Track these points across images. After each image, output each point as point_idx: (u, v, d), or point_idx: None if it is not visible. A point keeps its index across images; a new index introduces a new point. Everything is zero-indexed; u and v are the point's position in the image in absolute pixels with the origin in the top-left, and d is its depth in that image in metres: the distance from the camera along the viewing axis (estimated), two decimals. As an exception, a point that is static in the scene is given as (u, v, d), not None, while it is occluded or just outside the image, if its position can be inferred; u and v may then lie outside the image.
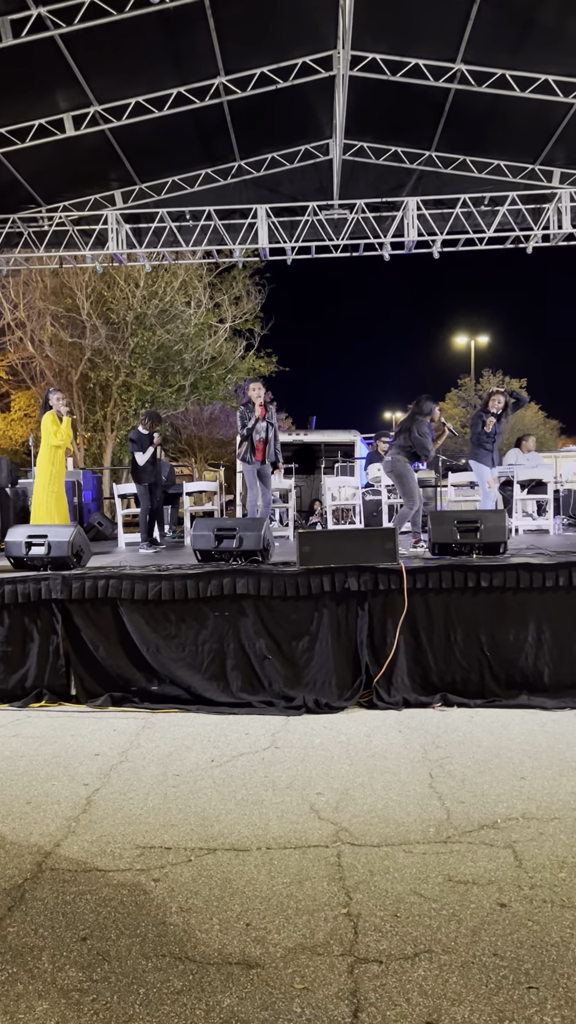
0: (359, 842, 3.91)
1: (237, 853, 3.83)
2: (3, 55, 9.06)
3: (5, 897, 3.46)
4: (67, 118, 10.82)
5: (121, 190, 12.99)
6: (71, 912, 3.32)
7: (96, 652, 6.78)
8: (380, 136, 12.13)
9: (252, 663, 6.66)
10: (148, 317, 21.83)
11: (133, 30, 9.12)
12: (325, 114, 11.73)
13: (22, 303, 21.70)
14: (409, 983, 2.78)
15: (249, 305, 24.74)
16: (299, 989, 2.76)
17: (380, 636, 6.57)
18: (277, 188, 13.12)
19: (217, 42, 9.78)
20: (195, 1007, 2.68)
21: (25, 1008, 2.70)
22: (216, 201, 13.11)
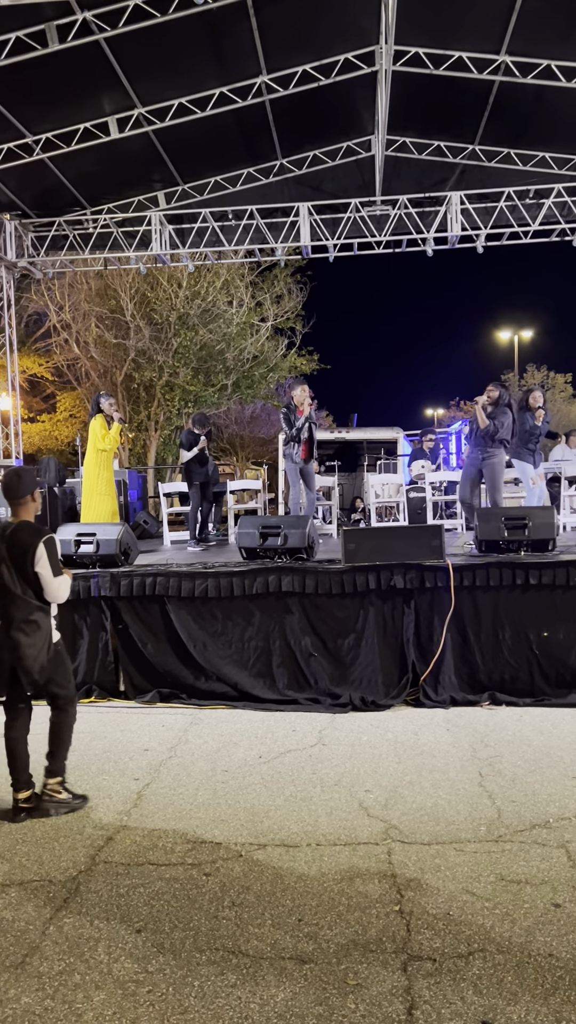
0: (409, 840, 3.89)
1: (287, 849, 3.84)
2: (50, 60, 9.19)
3: (61, 889, 3.52)
4: (111, 121, 10.93)
5: (164, 191, 13.08)
6: (125, 905, 3.37)
7: (144, 649, 6.85)
8: (423, 131, 12.03)
9: (298, 660, 6.68)
10: (191, 317, 21.96)
11: (176, 32, 9.18)
12: (367, 110, 11.68)
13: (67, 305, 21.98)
14: (463, 982, 2.77)
15: (291, 303, 24.73)
16: (353, 985, 2.76)
17: (427, 634, 6.53)
18: (319, 186, 13.10)
19: (259, 41, 9.80)
20: (250, 1001, 2.70)
21: (83, 998, 2.75)
22: (258, 200, 13.14)
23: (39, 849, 3.93)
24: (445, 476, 11.33)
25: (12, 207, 12.84)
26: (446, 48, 10.02)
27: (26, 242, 13.47)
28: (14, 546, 4.28)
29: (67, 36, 8.95)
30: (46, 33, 8.94)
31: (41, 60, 9.18)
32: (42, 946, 3.08)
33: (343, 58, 10.39)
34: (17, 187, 12.25)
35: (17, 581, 4.27)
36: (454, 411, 44.14)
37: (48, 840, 4.03)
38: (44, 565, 4.28)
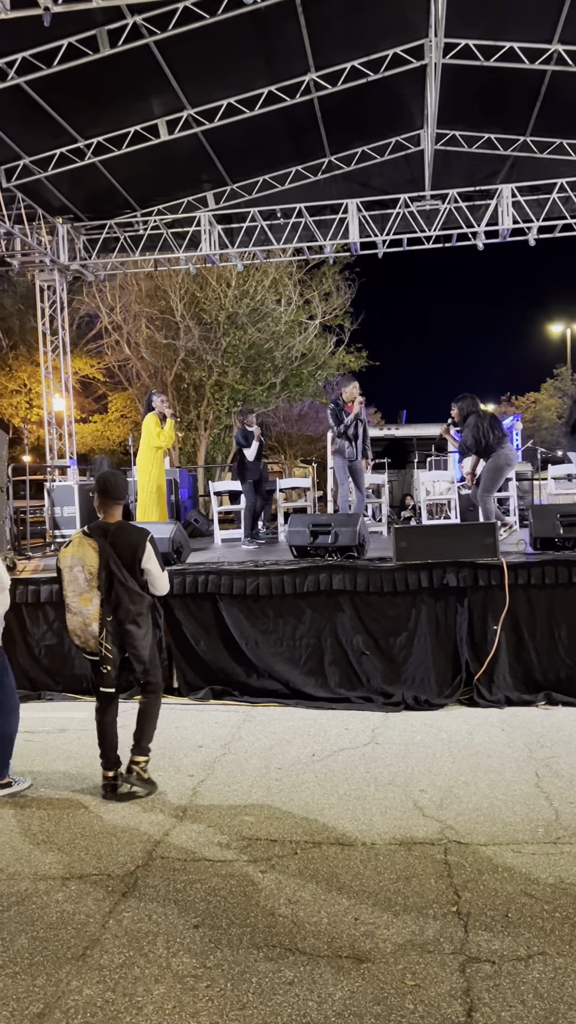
0: (465, 840, 3.86)
1: (342, 848, 3.84)
2: (101, 65, 9.32)
3: (119, 883, 3.57)
4: (161, 123, 11.04)
5: (213, 191, 13.16)
6: (182, 900, 3.40)
7: (197, 646, 6.91)
8: (473, 124, 11.90)
9: (349, 659, 6.66)
10: (239, 316, 22.04)
11: (225, 32, 9.23)
12: (416, 104, 11.60)
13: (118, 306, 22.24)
14: (523, 985, 2.73)
15: (339, 301, 24.65)
16: (411, 985, 2.75)
17: (480, 633, 6.46)
18: (367, 182, 13.04)
19: (308, 39, 9.80)
20: (307, 999, 2.70)
21: (143, 991, 2.78)
22: (306, 198, 13.13)
23: (97, 843, 4.00)
24: (497, 473, 11.17)
25: (65, 211, 13.05)
26: (497, 39, 9.90)
27: (78, 245, 13.68)
28: (121, 545, 4.55)
29: (118, 40, 9.06)
30: (97, 38, 9.06)
31: (92, 65, 9.32)
32: (102, 939, 3.12)
33: (392, 53, 10.32)
34: (69, 191, 12.44)
35: (128, 577, 4.53)
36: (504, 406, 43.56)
37: (106, 835, 4.09)
38: (152, 561, 4.61)
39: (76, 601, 4.49)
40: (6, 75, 9.33)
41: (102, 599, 4.47)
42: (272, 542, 10.74)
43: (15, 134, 10.76)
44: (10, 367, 24.44)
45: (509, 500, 10.91)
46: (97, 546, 4.48)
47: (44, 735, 5.92)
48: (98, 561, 4.46)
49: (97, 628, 4.48)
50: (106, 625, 4.49)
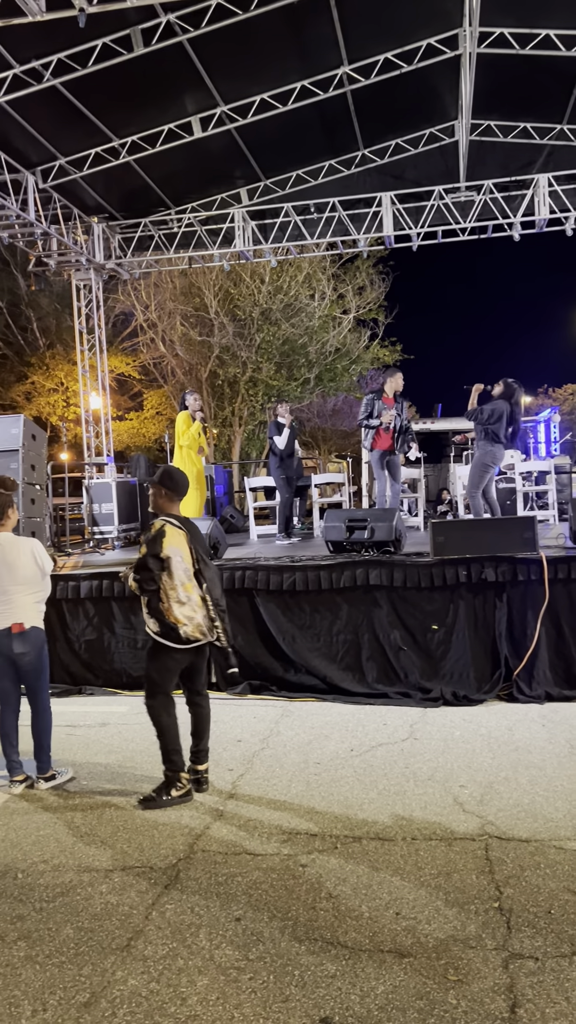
0: (507, 836, 3.84)
1: (382, 842, 3.84)
2: (135, 64, 9.37)
3: (162, 875, 3.61)
4: (195, 120, 11.07)
5: (246, 187, 13.17)
6: (224, 893, 3.43)
7: (234, 641, 6.92)
8: (508, 113, 11.76)
9: (387, 654, 6.65)
10: (273, 312, 22.07)
11: (257, 28, 9.21)
12: (450, 95, 11.48)
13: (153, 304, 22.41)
14: (568, 982, 2.71)
15: (373, 294, 24.58)
16: (454, 980, 2.74)
17: (520, 628, 6.41)
18: (401, 174, 12.94)
19: (340, 31, 9.75)
20: (350, 992, 2.71)
21: (187, 982, 2.82)
22: (340, 192, 13.08)
23: (139, 836, 4.05)
24: (535, 466, 11.07)
25: (100, 210, 13.15)
26: (532, 27, 9.75)
27: (113, 244, 13.78)
28: (196, 535, 4.65)
29: (151, 39, 9.09)
30: (131, 37, 9.11)
31: (126, 64, 9.36)
32: (146, 930, 3.16)
33: (425, 43, 10.23)
34: (104, 190, 12.53)
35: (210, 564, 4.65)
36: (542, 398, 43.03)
37: (148, 828, 4.14)
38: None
39: (183, 591, 4.46)
40: (42, 77, 9.41)
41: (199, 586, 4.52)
42: (307, 537, 10.75)
43: (51, 135, 10.87)
44: (47, 366, 24.72)
45: (548, 493, 10.79)
46: (187, 536, 4.53)
47: (85, 729, 6.00)
48: (190, 550, 4.52)
49: (204, 613, 4.50)
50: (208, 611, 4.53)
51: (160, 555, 4.42)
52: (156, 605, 4.46)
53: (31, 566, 4.85)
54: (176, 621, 4.44)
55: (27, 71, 9.32)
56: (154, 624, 4.48)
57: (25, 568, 4.82)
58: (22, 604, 4.75)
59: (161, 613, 4.45)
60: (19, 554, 4.83)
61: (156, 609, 4.47)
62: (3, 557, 4.78)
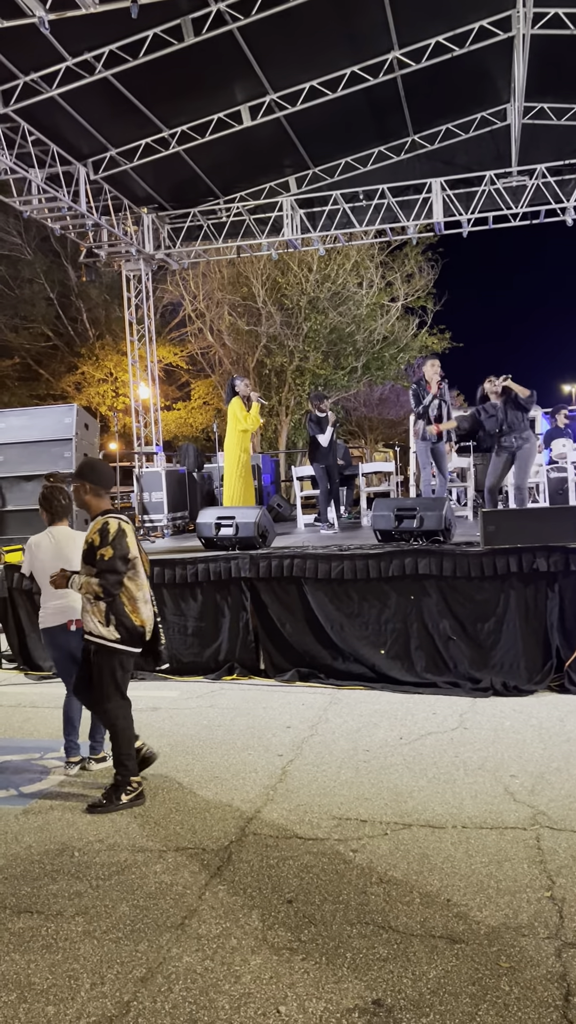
0: (559, 827, 3.81)
1: (433, 830, 3.85)
2: (185, 54, 9.41)
3: (214, 857, 3.67)
4: (244, 109, 11.08)
5: (295, 176, 13.15)
6: (275, 875, 3.47)
7: (283, 628, 6.99)
8: (562, 95, 11.53)
9: (436, 643, 6.63)
10: (321, 301, 22.03)
11: (307, 14, 9.18)
12: (503, 78, 11.30)
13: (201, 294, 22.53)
14: (622, 973, 2.69)
15: (421, 282, 24.36)
16: (506, 967, 2.74)
17: (572, 618, 6.33)
18: (452, 160, 12.80)
19: (391, 15, 9.65)
20: (402, 975, 2.73)
21: (240, 961, 2.86)
22: (389, 179, 12.98)
23: (191, 818, 4.11)
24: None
25: (149, 201, 13.26)
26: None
27: (162, 234, 13.89)
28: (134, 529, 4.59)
29: (202, 29, 9.12)
30: (181, 28, 9.14)
31: (176, 54, 9.41)
32: (199, 910, 3.22)
33: (478, 26, 10.08)
34: (154, 181, 12.63)
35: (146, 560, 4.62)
36: (593, 387, 42.16)
37: (199, 811, 4.21)
38: None
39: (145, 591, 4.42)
40: (94, 69, 9.51)
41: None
42: (355, 527, 10.75)
43: (102, 126, 10.98)
44: (97, 356, 25.04)
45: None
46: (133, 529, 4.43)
47: (137, 713, 6.02)
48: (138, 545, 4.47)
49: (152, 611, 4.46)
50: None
51: (129, 556, 4.28)
52: (120, 608, 4.30)
53: None
54: (142, 623, 4.36)
55: (79, 63, 9.43)
56: (114, 631, 4.29)
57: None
58: (78, 599, 4.72)
59: (126, 616, 4.30)
60: (75, 548, 4.81)
61: (120, 612, 4.30)
62: (59, 551, 4.84)
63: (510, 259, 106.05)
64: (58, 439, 8.43)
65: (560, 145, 12.29)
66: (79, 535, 4.97)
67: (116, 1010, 2.63)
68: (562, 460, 10.85)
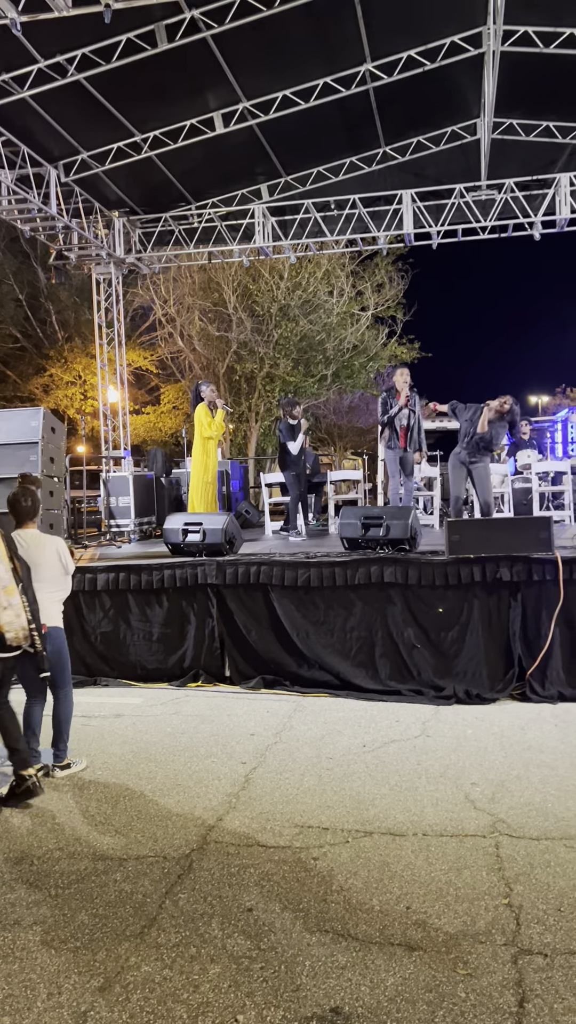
0: (517, 834, 3.86)
1: (393, 837, 3.87)
2: (158, 60, 9.40)
3: (175, 865, 3.66)
4: (216, 116, 11.08)
5: (267, 183, 13.17)
6: (236, 883, 3.47)
7: (248, 635, 6.99)
8: (530, 112, 11.68)
9: (400, 651, 6.67)
10: (291, 308, 22.07)
11: (281, 24, 9.20)
12: (473, 93, 11.44)
13: (172, 299, 22.46)
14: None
15: (392, 292, 24.51)
16: (463, 974, 2.77)
17: (534, 628, 6.42)
18: (422, 172, 12.91)
19: (364, 28, 9.73)
20: (360, 983, 2.75)
21: (199, 970, 2.86)
22: (360, 189, 13.05)
23: (153, 826, 4.10)
24: (552, 466, 11.05)
25: (121, 204, 13.20)
26: (557, 25, 9.69)
27: (133, 238, 13.83)
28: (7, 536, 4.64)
29: (175, 35, 9.11)
30: (155, 33, 9.14)
31: (150, 60, 9.38)
32: (159, 918, 3.21)
33: (449, 41, 10.18)
34: (126, 185, 12.58)
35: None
36: (560, 398, 42.81)
37: (161, 818, 4.19)
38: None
39: (4, 594, 4.33)
40: (66, 71, 9.46)
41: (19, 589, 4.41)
42: (323, 534, 10.78)
43: (74, 129, 10.91)
44: (65, 359, 24.85)
45: (564, 494, 10.76)
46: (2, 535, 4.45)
47: (100, 720, 6.06)
48: (6, 551, 4.42)
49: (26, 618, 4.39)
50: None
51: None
52: None
53: (55, 565, 4.89)
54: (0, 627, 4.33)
55: (51, 66, 9.37)
56: None
57: (49, 567, 4.86)
58: (43, 604, 4.70)
59: None
60: (43, 552, 4.83)
61: None
62: (27, 554, 4.81)
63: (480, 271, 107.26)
64: (24, 442, 8.33)
65: (528, 160, 12.46)
66: (49, 540, 4.96)
67: (73, 1020, 2.61)
68: (527, 471, 11.00)
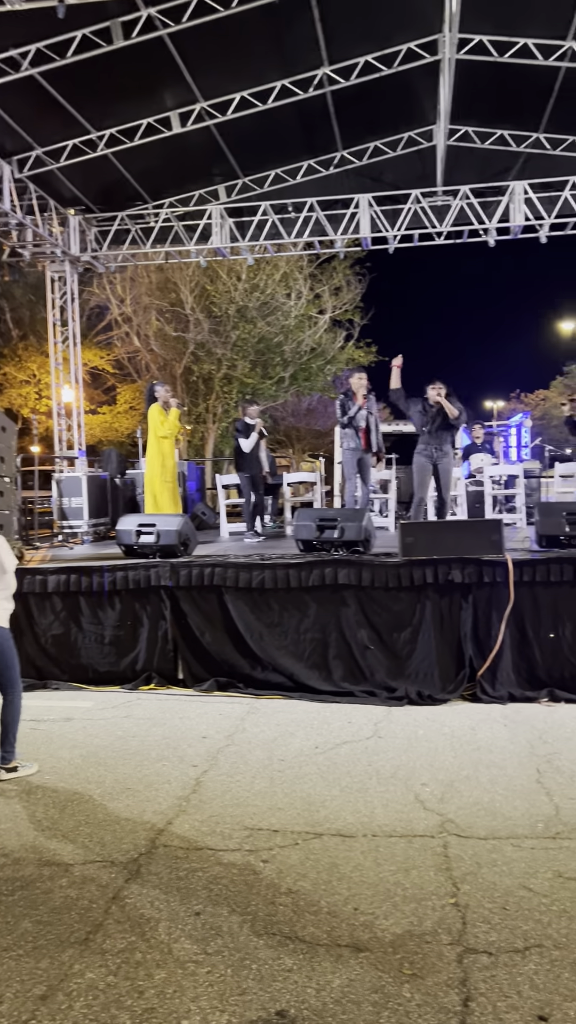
0: (465, 834, 3.89)
1: (343, 839, 3.88)
2: (115, 57, 9.32)
3: (123, 870, 3.62)
4: (174, 115, 11.04)
5: (225, 184, 13.15)
6: (184, 887, 3.45)
7: (202, 638, 6.95)
8: (486, 119, 11.85)
9: (354, 653, 6.70)
10: (249, 310, 22.06)
11: (239, 25, 9.21)
12: (429, 100, 11.56)
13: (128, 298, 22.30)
14: (520, 976, 2.77)
15: (349, 295, 24.66)
16: (408, 975, 2.79)
17: (485, 629, 6.49)
18: (379, 177, 13.00)
19: (322, 32, 9.78)
20: (306, 985, 2.74)
21: (144, 976, 2.83)
22: (318, 192, 13.10)
23: (101, 831, 4.05)
24: (504, 470, 11.20)
25: (76, 202, 13.06)
26: (511, 35, 9.86)
27: (89, 237, 13.69)
28: None
29: (131, 32, 9.06)
30: (111, 30, 9.06)
31: (106, 57, 9.32)
32: (105, 924, 3.17)
33: (406, 47, 10.29)
34: (82, 183, 12.45)
35: None
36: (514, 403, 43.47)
37: (110, 822, 4.14)
38: None
39: None
40: (19, 65, 9.34)
41: None
42: (279, 536, 10.78)
43: (28, 125, 10.77)
44: (20, 357, 24.51)
45: (516, 497, 10.91)
46: None
47: (50, 724, 5.97)
48: None
49: None
50: None
51: None
52: None
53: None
54: None
55: (4, 59, 9.25)
56: None
57: None
58: None
59: None
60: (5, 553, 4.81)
61: None
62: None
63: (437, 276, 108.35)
64: (-26, 441, 8.20)
65: (483, 168, 12.63)
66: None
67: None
68: (480, 474, 11.13)
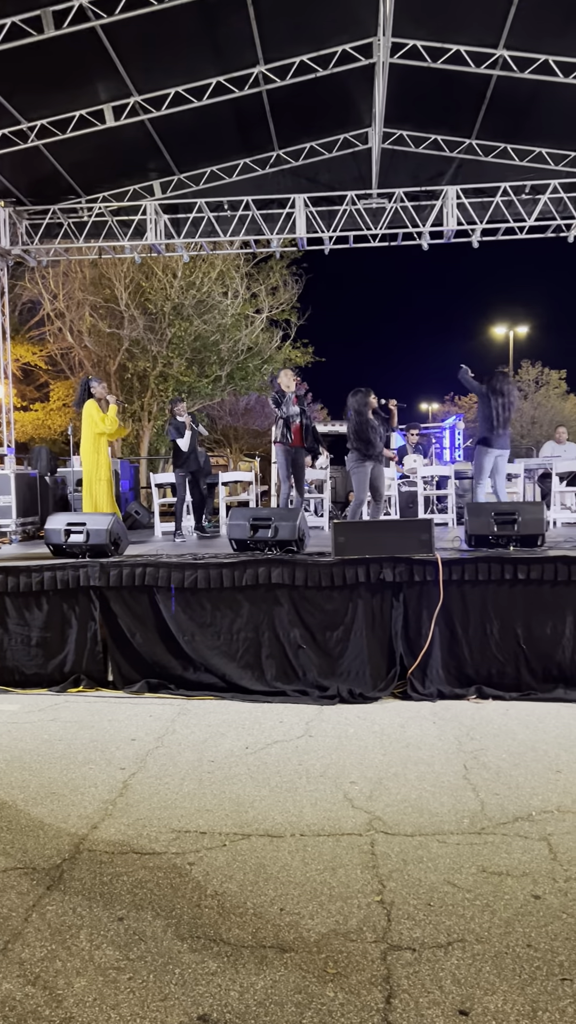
0: (393, 831, 3.92)
1: (271, 839, 3.86)
2: (45, 47, 9.13)
3: (44, 877, 3.53)
4: (107, 109, 10.87)
5: (160, 180, 13.02)
6: (108, 893, 3.38)
7: (133, 639, 6.86)
8: (420, 124, 12.00)
9: (287, 652, 6.69)
10: (185, 308, 21.89)
11: (173, 19, 9.12)
12: (365, 102, 11.64)
13: (61, 293, 21.88)
14: (442, 971, 2.79)
15: (286, 295, 24.68)
16: (332, 974, 2.78)
17: (415, 627, 6.55)
18: (315, 178, 13.04)
19: (257, 30, 9.75)
20: (229, 988, 2.71)
21: (64, 984, 2.76)
22: (254, 191, 13.08)
23: (23, 837, 3.94)
24: (437, 471, 11.35)
25: (7, 194, 12.77)
26: (444, 41, 9.99)
27: (20, 230, 13.39)
28: None
29: (63, 22, 8.88)
30: (42, 19, 8.87)
31: (36, 46, 9.11)
32: (24, 932, 3.09)
33: (341, 49, 10.33)
34: (12, 174, 12.17)
35: None
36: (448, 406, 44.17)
37: (33, 828, 4.04)
38: None
39: None
40: (-54, 52, 9.07)
41: None
42: (213, 536, 10.72)
43: (-45, 113, 10.49)
44: (-52, 352, 23.83)
45: (448, 498, 11.07)
46: None
47: (-27, 728, 5.81)
48: None
49: None
50: None
51: None
52: None
53: None
54: None
55: None
56: None
57: None
58: None
59: None
60: None
61: None
62: None
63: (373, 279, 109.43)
64: None
65: (417, 172, 12.78)
66: None
67: None
68: (412, 475, 11.26)
